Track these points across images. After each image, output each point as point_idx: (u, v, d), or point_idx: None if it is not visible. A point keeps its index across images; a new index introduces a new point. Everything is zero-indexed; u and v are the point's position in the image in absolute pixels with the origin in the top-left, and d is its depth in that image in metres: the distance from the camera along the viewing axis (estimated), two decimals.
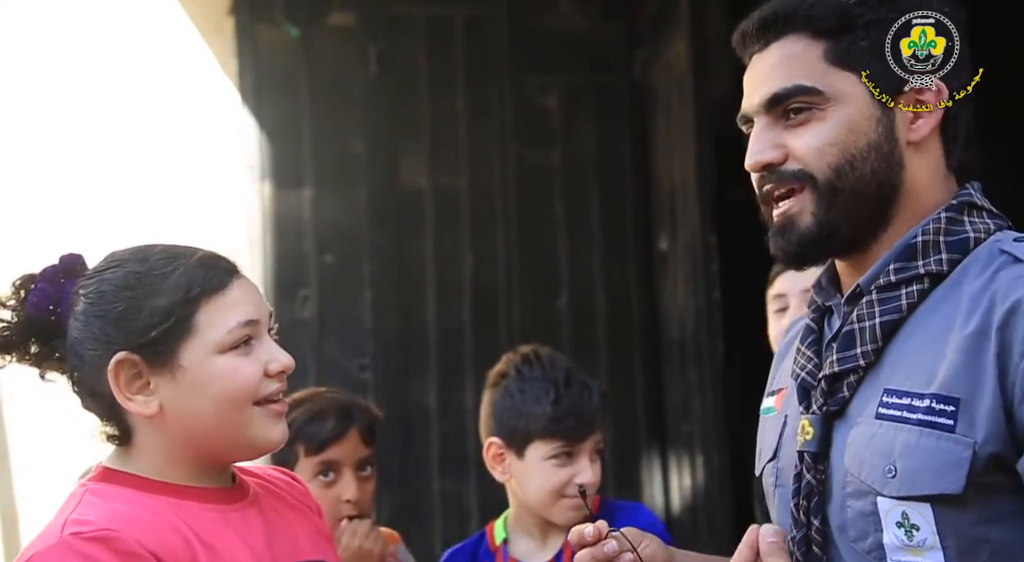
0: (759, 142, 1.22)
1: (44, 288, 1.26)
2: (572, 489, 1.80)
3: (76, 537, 1.16)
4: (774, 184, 1.22)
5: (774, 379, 1.40)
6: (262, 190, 3.68)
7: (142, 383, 1.25)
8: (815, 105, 1.19)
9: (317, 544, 1.37)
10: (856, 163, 1.19)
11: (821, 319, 1.28)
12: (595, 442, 1.84)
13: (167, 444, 1.27)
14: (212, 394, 1.25)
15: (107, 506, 1.21)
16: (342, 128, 3.76)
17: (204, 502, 1.27)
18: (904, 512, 1.11)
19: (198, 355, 1.24)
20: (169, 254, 1.28)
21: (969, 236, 1.19)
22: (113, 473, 1.27)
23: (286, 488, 1.42)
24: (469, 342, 3.77)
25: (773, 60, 1.22)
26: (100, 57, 3.56)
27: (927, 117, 1.21)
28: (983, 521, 1.10)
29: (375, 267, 3.75)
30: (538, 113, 3.88)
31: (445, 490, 3.70)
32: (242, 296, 1.28)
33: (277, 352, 1.29)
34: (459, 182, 3.82)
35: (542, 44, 3.88)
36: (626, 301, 3.92)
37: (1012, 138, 3.63)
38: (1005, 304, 1.10)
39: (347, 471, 1.94)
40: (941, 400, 1.10)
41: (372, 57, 3.78)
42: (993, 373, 1.09)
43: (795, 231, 1.21)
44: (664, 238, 3.89)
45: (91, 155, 3.55)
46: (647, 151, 3.93)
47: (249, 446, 1.30)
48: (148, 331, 1.23)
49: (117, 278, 1.26)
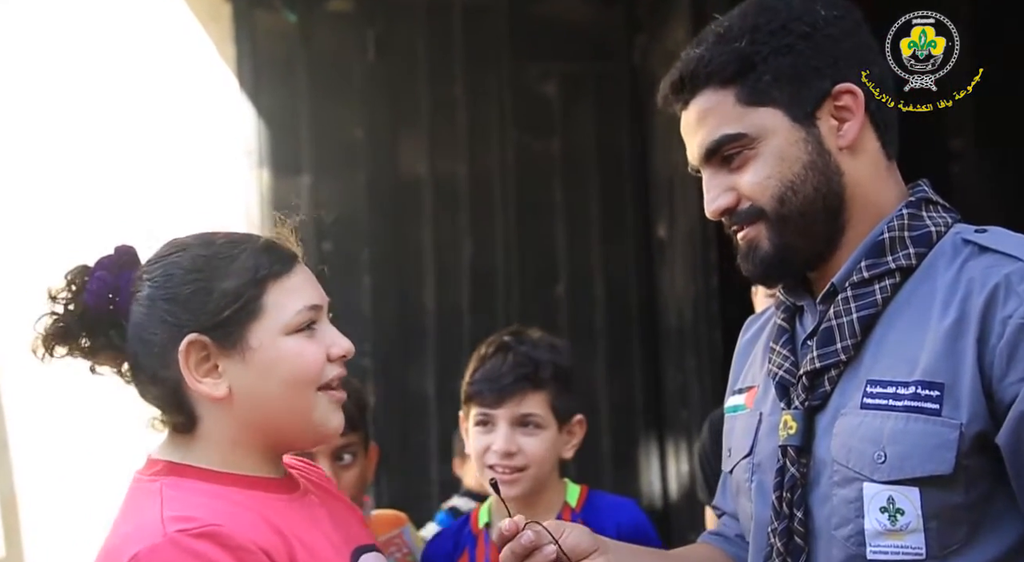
0: (711, 190, 1.29)
1: (104, 277, 1.27)
2: (491, 458, 1.82)
3: (183, 534, 1.14)
4: (737, 225, 1.28)
5: (739, 377, 1.44)
6: (260, 176, 3.68)
7: (210, 366, 1.25)
8: (745, 147, 1.25)
9: (365, 529, 1.39)
10: (797, 187, 1.24)
11: (791, 318, 1.33)
12: (513, 412, 1.83)
13: (233, 430, 1.26)
14: (280, 375, 1.25)
15: (195, 501, 1.20)
16: (341, 114, 3.75)
17: (273, 492, 1.26)
18: (890, 496, 1.15)
19: (267, 336, 1.25)
20: (233, 239, 1.29)
21: (931, 230, 1.24)
22: (178, 467, 1.26)
23: (324, 481, 1.43)
24: (467, 328, 3.78)
25: (694, 117, 1.28)
26: (98, 45, 3.55)
27: (851, 121, 1.25)
28: (964, 503, 1.15)
29: (374, 254, 3.75)
30: (537, 100, 3.88)
31: (443, 476, 3.71)
32: (305, 281, 1.29)
33: (338, 337, 1.30)
34: (458, 169, 3.82)
35: (541, 31, 3.88)
36: (624, 288, 3.93)
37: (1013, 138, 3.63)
38: (983, 292, 1.15)
39: (322, 460, 1.93)
40: (926, 386, 1.15)
41: (371, 43, 3.77)
42: (973, 356, 1.14)
43: (757, 255, 1.27)
44: (663, 226, 3.89)
45: (89, 143, 3.54)
46: (646, 138, 3.93)
47: (312, 432, 1.29)
48: (220, 312, 1.24)
49: (184, 261, 1.26)
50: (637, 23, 3.94)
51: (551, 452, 1.86)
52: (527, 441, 1.83)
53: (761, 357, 1.38)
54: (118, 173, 3.52)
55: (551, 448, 1.86)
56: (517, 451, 1.82)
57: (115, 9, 3.57)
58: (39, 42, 3.52)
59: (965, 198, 3.81)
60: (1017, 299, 1.13)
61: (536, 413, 1.84)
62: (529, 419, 1.84)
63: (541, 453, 1.84)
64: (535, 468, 1.83)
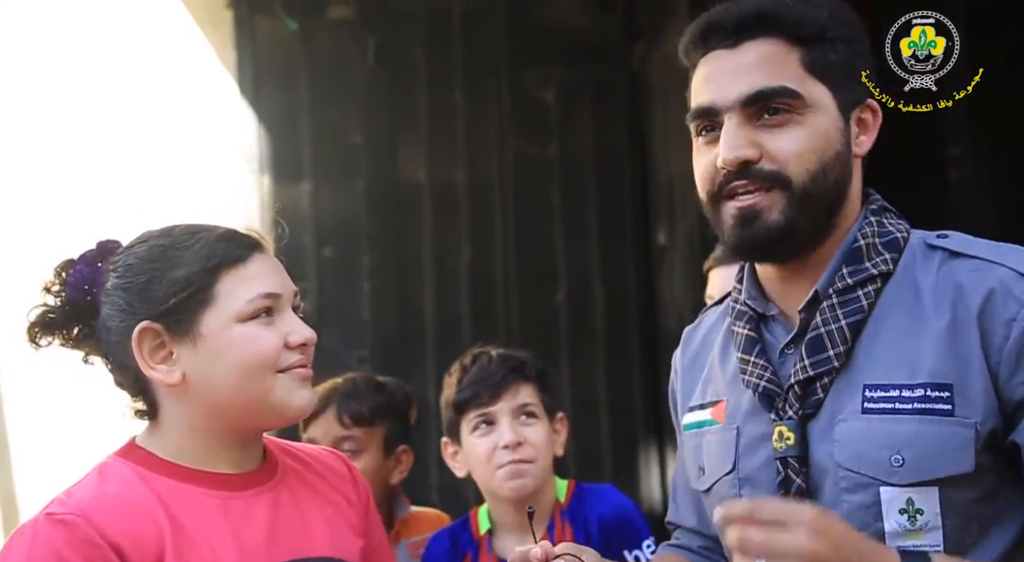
0: (736, 138, 1.22)
1: (81, 270, 1.31)
2: (500, 456, 1.84)
3: (49, 518, 1.21)
4: (745, 181, 1.23)
5: (693, 392, 1.41)
6: (261, 183, 3.68)
7: (165, 353, 1.28)
8: (794, 109, 1.22)
9: (337, 539, 1.35)
10: (827, 171, 1.23)
11: (757, 328, 1.31)
12: (512, 404, 1.86)
13: (190, 415, 1.29)
14: (231, 361, 1.27)
15: (97, 487, 1.25)
16: (340, 121, 3.76)
17: (209, 487, 1.28)
18: (910, 498, 1.16)
19: (218, 323, 1.27)
20: (192, 229, 1.32)
21: (897, 236, 1.27)
22: (134, 449, 1.31)
23: (327, 475, 1.42)
24: (467, 334, 3.77)
25: (750, 58, 1.23)
26: (99, 50, 3.56)
27: (868, 134, 1.27)
28: (977, 498, 1.17)
29: (374, 259, 3.76)
30: (536, 106, 3.89)
31: (443, 482, 3.71)
32: (263, 270, 1.31)
33: (298, 325, 1.31)
34: (457, 175, 3.83)
35: (540, 37, 3.89)
36: (624, 294, 3.93)
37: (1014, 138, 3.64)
38: (977, 296, 1.18)
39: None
40: (934, 387, 1.17)
41: (370, 50, 3.78)
42: (979, 357, 1.16)
43: (762, 224, 1.23)
44: (662, 231, 3.90)
45: (90, 148, 3.55)
46: (645, 144, 3.94)
47: (273, 413, 1.31)
48: (168, 299, 1.27)
49: (142, 251, 1.30)
50: (636, 30, 3.95)
51: (549, 445, 1.89)
52: (529, 431, 1.86)
53: (719, 370, 1.36)
54: (119, 179, 3.53)
55: (549, 440, 1.89)
56: (524, 441, 1.83)
57: (116, 15, 3.58)
58: (40, 48, 3.53)
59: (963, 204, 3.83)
60: (1016, 302, 1.16)
61: (531, 402, 1.88)
62: (527, 409, 1.87)
63: (544, 442, 1.87)
64: (542, 459, 1.86)
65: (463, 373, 1.91)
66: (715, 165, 1.24)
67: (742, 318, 1.33)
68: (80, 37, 3.55)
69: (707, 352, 1.41)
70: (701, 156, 1.28)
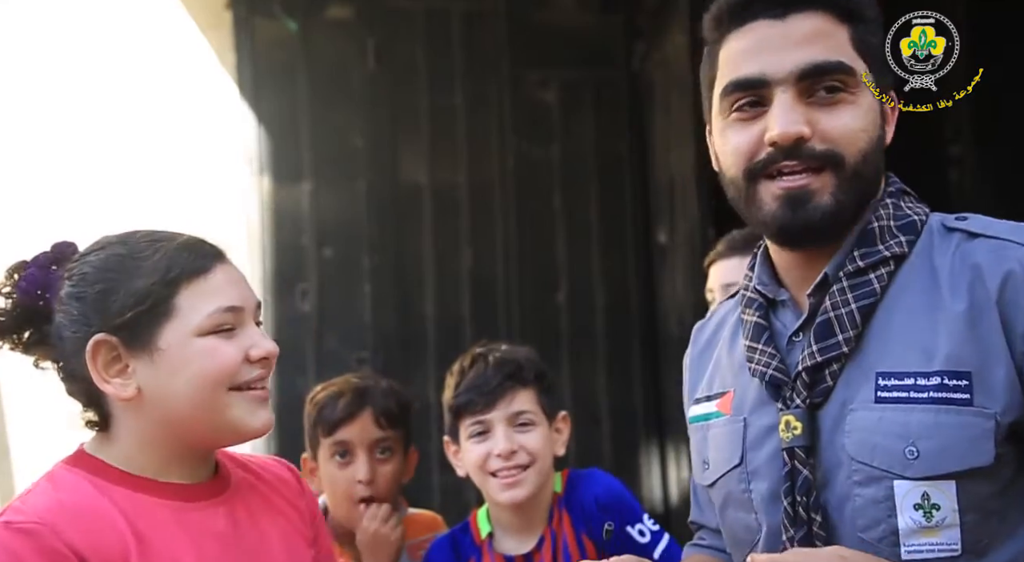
0: (791, 113, 1.16)
1: (33, 273, 1.26)
2: (494, 463, 1.83)
3: (6, 526, 1.17)
4: (795, 161, 1.17)
5: (698, 385, 1.37)
6: (261, 184, 3.68)
7: (121, 366, 1.24)
8: (848, 86, 1.18)
9: (292, 549, 1.33)
10: (875, 151, 1.20)
11: (766, 315, 1.27)
12: (507, 412, 1.85)
13: (144, 429, 1.25)
14: (189, 375, 1.23)
15: (52, 496, 1.21)
16: (341, 122, 3.76)
17: (164, 498, 1.25)
18: (925, 492, 1.11)
19: (176, 337, 1.23)
20: (152, 237, 1.27)
21: (914, 218, 1.22)
22: (84, 458, 1.27)
23: (278, 485, 1.39)
24: (468, 336, 3.77)
25: (804, 30, 1.18)
26: (99, 51, 3.55)
27: (890, 124, 1.24)
28: (996, 492, 1.12)
29: (374, 261, 3.75)
30: (537, 107, 3.89)
31: (445, 483, 3.70)
32: (225, 282, 1.26)
33: (260, 338, 1.27)
34: (458, 176, 3.83)
35: (540, 38, 3.88)
36: (625, 295, 3.92)
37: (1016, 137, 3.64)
38: (995, 278, 1.12)
39: (360, 452, 1.97)
40: (952, 375, 1.11)
41: (370, 51, 3.78)
42: (1001, 344, 1.10)
43: (814, 207, 1.17)
44: (663, 232, 3.89)
45: (90, 148, 3.55)
46: (646, 145, 3.94)
47: (230, 431, 1.27)
48: (124, 312, 1.22)
49: (99, 260, 1.25)
50: (636, 30, 3.94)
51: (548, 448, 1.88)
52: (525, 438, 1.85)
53: (727, 361, 1.32)
54: (119, 180, 3.52)
55: (547, 444, 1.88)
56: (518, 449, 1.83)
57: (116, 17, 3.57)
58: (40, 50, 3.52)
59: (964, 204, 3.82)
60: None
61: (527, 409, 1.86)
62: (523, 417, 1.86)
63: (540, 448, 1.86)
64: (539, 463, 1.85)
65: (461, 377, 1.90)
66: (759, 141, 1.18)
67: (751, 305, 1.28)
68: (80, 39, 3.55)
69: (715, 345, 1.37)
70: (736, 133, 1.21)
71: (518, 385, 1.86)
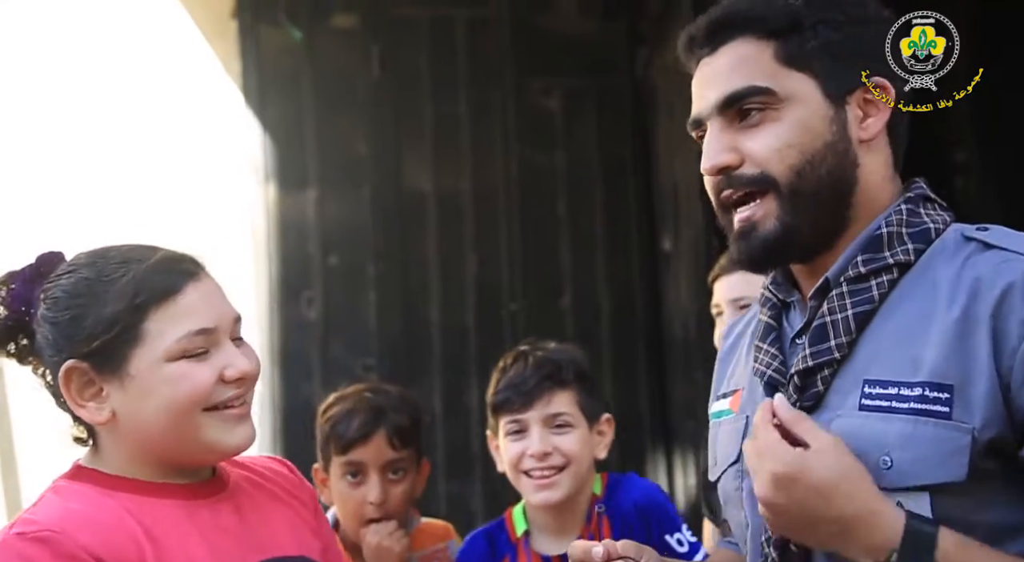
0: (715, 144, 1.20)
1: (18, 289, 1.26)
2: (528, 463, 1.83)
3: (19, 537, 1.16)
4: (732, 190, 1.20)
5: (723, 381, 1.38)
6: (266, 192, 3.69)
7: (95, 390, 1.23)
8: (769, 105, 1.18)
9: (300, 539, 1.34)
10: (815, 163, 1.18)
11: (778, 316, 1.27)
12: (544, 413, 1.84)
13: (124, 449, 1.26)
14: (159, 401, 1.22)
15: (63, 506, 1.21)
16: (345, 130, 3.77)
17: (168, 498, 1.25)
18: (899, 503, 1.09)
19: (147, 363, 1.21)
20: (123, 258, 1.25)
21: (930, 226, 1.19)
22: (82, 470, 1.27)
23: (276, 479, 1.39)
24: (473, 342, 3.77)
25: (725, 62, 1.21)
26: (105, 60, 3.57)
27: (877, 116, 1.21)
28: (977, 507, 1.10)
29: (379, 268, 3.76)
30: (540, 114, 3.89)
31: (451, 491, 3.70)
32: (198, 303, 1.24)
33: (236, 358, 1.25)
34: (462, 183, 3.83)
35: (544, 45, 3.89)
36: (630, 301, 3.92)
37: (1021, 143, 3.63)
38: (994, 290, 1.10)
39: (373, 473, 1.94)
40: (934, 387, 1.09)
41: (375, 59, 3.79)
42: (988, 358, 1.08)
43: (758, 236, 1.19)
44: (667, 238, 3.89)
45: (96, 157, 3.56)
46: (649, 151, 3.94)
47: (207, 451, 1.26)
48: (92, 340, 1.21)
49: (69, 285, 1.24)
50: (639, 36, 3.95)
51: (586, 450, 1.86)
52: (561, 440, 1.84)
53: (745, 358, 1.32)
54: (125, 188, 3.54)
55: (585, 446, 1.86)
56: (552, 451, 1.83)
57: (122, 26, 3.59)
58: (46, 58, 3.54)
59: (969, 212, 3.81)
60: None
61: (565, 411, 1.85)
62: (560, 418, 1.85)
63: (577, 450, 1.84)
64: (574, 466, 1.83)
65: (502, 374, 1.89)
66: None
67: (766, 304, 1.28)
68: (87, 47, 3.57)
69: (740, 342, 1.36)
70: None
71: (556, 386, 1.85)
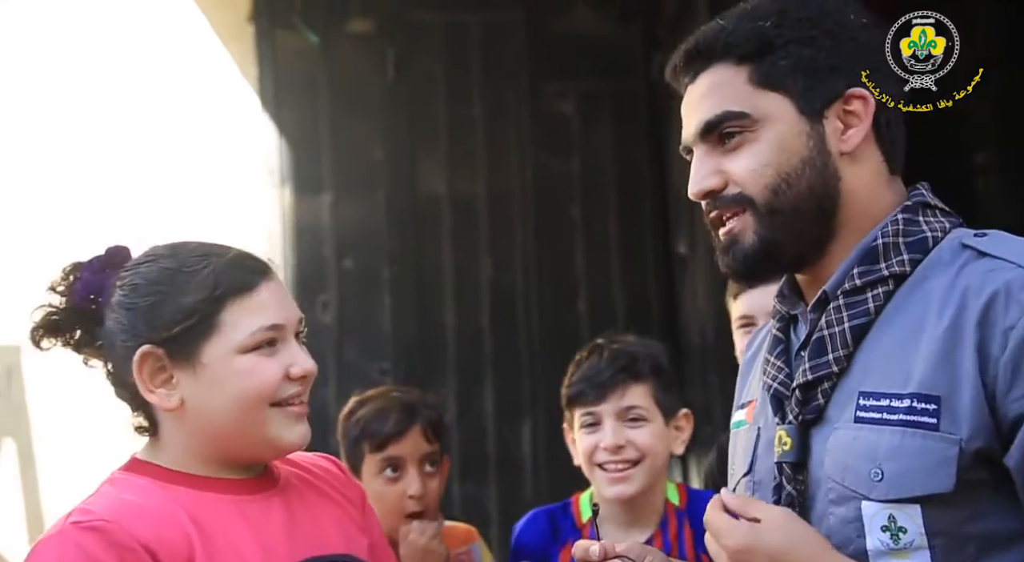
0: (699, 170, 1.23)
1: (88, 278, 1.30)
2: (601, 456, 1.82)
3: (75, 526, 1.20)
4: (719, 210, 1.24)
5: (742, 392, 1.40)
6: (282, 196, 3.71)
7: (166, 377, 1.27)
8: (746, 128, 1.21)
9: (348, 537, 1.37)
10: (792, 180, 1.20)
11: (786, 328, 1.28)
12: (617, 406, 1.83)
13: (187, 438, 1.29)
14: (230, 392, 1.26)
15: (118, 496, 1.25)
16: (361, 134, 3.78)
17: (222, 493, 1.28)
18: (891, 515, 1.10)
19: (219, 353, 1.26)
20: (202, 252, 1.30)
21: (927, 235, 1.20)
22: (139, 463, 1.31)
23: (325, 476, 1.43)
24: (488, 346, 3.78)
25: (702, 89, 1.24)
26: (121, 64, 3.60)
27: (858, 126, 1.22)
28: (969, 517, 1.10)
29: (394, 272, 3.77)
30: (555, 118, 3.89)
31: (465, 494, 3.70)
32: (270, 299, 1.29)
33: (300, 357, 1.30)
34: (477, 187, 3.84)
35: (559, 49, 3.89)
36: (645, 305, 3.92)
37: None
38: (980, 299, 1.10)
39: (411, 467, 1.97)
40: (921, 399, 1.10)
41: (390, 63, 3.80)
42: (973, 368, 1.09)
43: (739, 249, 1.22)
44: (683, 242, 3.88)
45: (112, 161, 3.59)
46: (665, 155, 3.93)
47: (268, 446, 1.31)
48: (172, 326, 1.26)
49: (150, 272, 1.29)
50: (655, 39, 3.94)
51: (661, 445, 1.85)
52: (635, 433, 1.83)
53: (760, 370, 1.33)
54: (141, 191, 3.56)
55: (660, 441, 1.85)
56: (626, 444, 1.82)
57: (139, 30, 3.62)
58: (62, 62, 3.58)
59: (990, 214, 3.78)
60: (1018, 308, 1.08)
61: (639, 405, 1.84)
62: (634, 412, 1.84)
63: (651, 444, 1.83)
64: (649, 460, 1.82)
65: (577, 367, 1.90)
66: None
67: (775, 316, 1.30)
68: (104, 51, 3.60)
69: (761, 352, 1.37)
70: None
71: (631, 379, 1.84)
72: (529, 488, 3.71)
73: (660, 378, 1.87)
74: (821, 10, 1.22)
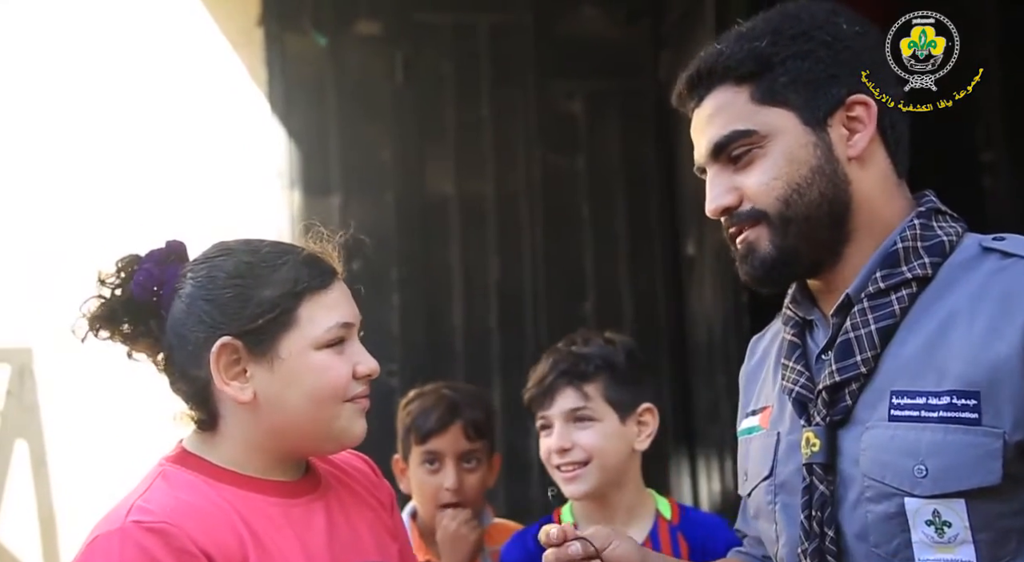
0: (714, 188, 1.28)
1: (151, 269, 1.31)
2: (554, 459, 1.84)
3: (137, 525, 1.19)
4: (736, 226, 1.28)
5: (751, 398, 1.42)
6: (291, 198, 3.72)
7: (239, 370, 1.28)
8: (754, 144, 1.25)
9: (380, 543, 1.38)
10: (803, 190, 1.24)
11: (801, 333, 1.31)
12: (562, 409, 1.85)
13: (252, 433, 1.30)
14: (305, 387, 1.28)
15: (172, 495, 1.25)
16: (369, 135, 3.79)
17: (270, 495, 1.29)
18: (935, 510, 1.13)
19: (297, 348, 1.28)
20: (279, 248, 1.34)
21: (943, 239, 1.24)
22: (189, 456, 1.31)
23: (359, 477, 1.45)
24: (496, 347, 3.78)
25: (708, 112, 1.29)
26: (131, 68, 3.62)
27: (863, 131, 1.25)
28: (1013, 511, 1.12)
29: (402, 273, 3.78)
30: (563, 118, 3.90)
31: None
32: (340, 298, 1.33)
33: (366, 356, 1.33)
34: (485, 188, 3.85)
35: (566, 49, 3.90)
36: (653, 305, 3.92)
37: None
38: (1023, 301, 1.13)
39: (449, 462, 2.09)
40: (960, 395, 1.13)
41: (399, 65, 3.81)
42: (1017, 363, 1.11)
43: (756, 257, 1.26)
44: (691, 242, 3.88)
45: (123, 165, 3.61)
46: (672, 154, 3.93)
47: (333, 440, 1.33)
48: (255, 319, 1.27)
49: (228, 265, 1.30)
50: (662, 40, 3.95)
51: (611, 444, 1.85)
52: (581, 435, 1.85)
53: (773, 375, 1.37)
54: (151, 194, 3.58)
55: (610, 440, 1.85)
56: (572, 446, 1.84)
57: (148, 34, 3.64)
58: (71, 66, 3.60)
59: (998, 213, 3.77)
60: None
61: (584, 406, 1.85)
62: (579, 413, 1.85)
63: (597, 444, 1.84)
64: (597, 460, 1.83)
65: (533, 371, 1.94)
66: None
67: (788, 323, 1.33)
68: (113, 55, 3.62)
69: (767, 359, 1.41)
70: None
71: (576, 380, 1.86)
72: (537, 488, 3.72)
73: (612, 376, 1.87)
74: (813, 23, 1.25)
